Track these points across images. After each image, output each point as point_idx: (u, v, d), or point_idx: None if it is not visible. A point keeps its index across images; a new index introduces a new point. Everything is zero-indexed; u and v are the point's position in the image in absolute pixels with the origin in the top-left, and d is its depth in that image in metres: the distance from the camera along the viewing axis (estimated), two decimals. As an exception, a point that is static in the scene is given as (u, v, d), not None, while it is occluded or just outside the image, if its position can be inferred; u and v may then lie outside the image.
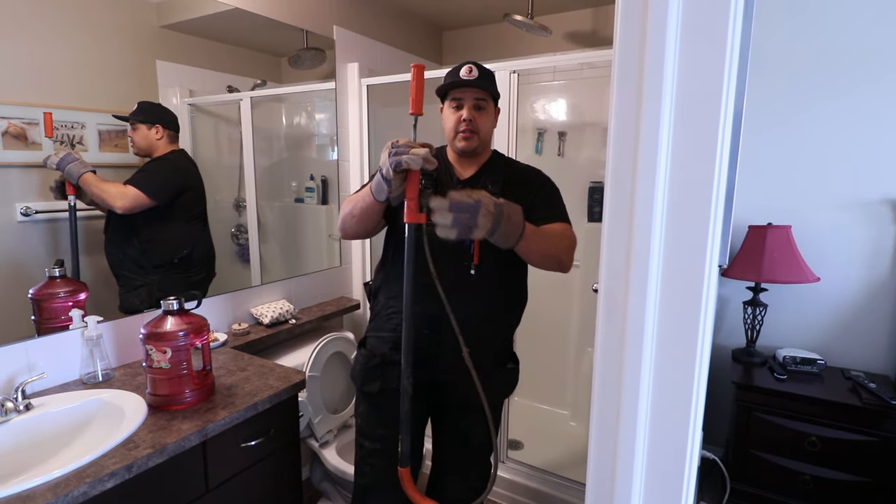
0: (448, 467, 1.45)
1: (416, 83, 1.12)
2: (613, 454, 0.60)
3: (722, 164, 0.52)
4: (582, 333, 2.70)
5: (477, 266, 1.25)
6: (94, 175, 1.47)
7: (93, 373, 1.40)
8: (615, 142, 0.55)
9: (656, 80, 0.51)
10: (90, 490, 0.97)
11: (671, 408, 0.56)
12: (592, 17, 2.64)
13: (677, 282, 0.54)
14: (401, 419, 1.25)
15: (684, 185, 0.52)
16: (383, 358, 1.34)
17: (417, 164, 1.07)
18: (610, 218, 0.57)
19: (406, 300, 1.18)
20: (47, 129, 1.38)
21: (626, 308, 0.56)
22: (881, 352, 1.97)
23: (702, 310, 0.53)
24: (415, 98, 1.12)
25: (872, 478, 1.70)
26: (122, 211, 1.54)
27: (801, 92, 1.99)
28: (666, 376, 0.56)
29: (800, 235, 1.97)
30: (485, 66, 1.34)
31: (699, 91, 0.50)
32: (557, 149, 2.68)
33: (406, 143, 1.10)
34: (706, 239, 0.52)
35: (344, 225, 1.33)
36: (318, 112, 2.36)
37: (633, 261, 0.55)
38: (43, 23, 1.35)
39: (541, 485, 2.07)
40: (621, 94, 0.53)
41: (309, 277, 2.26)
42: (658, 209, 0.53)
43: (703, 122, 0.50)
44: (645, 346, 0.56)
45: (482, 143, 1.33)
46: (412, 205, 1.12)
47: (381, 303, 1.39)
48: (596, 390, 0.61)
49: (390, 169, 1.09)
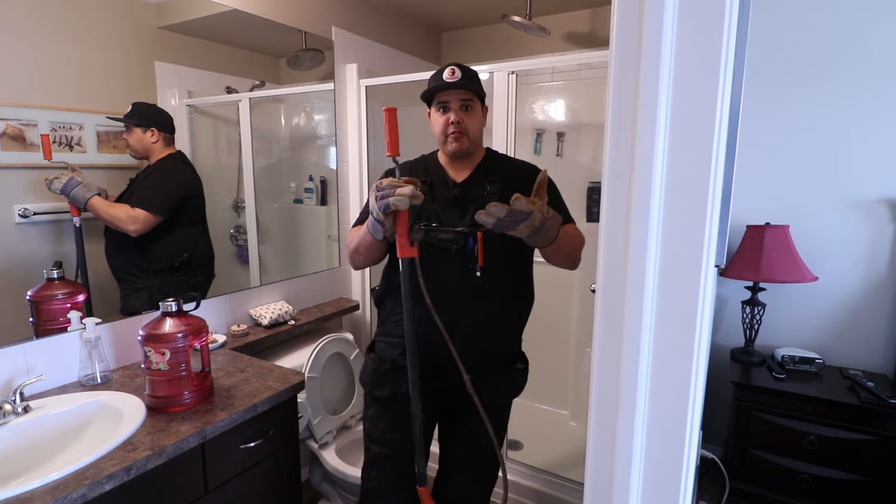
0: (455, 467, 1.45)
1: (390, 126, 1.14)
2: (611, 454, 0.60)
3: (718, 163, 0.52)
4: (581, 334, 2.70)
5: (482, 268, 1.25)
6: (100, 199, 1.49)
7: (91, 375, 1.40)
8: (612, 142, 0.55)
9: (652, 80, 0.51)
10: (89, 492, 0.97)
11: (669, 407, 0.56)
12: (590, 17, 2.65)
13: (674, 282, 0.54)
14: (415, 441, 1.26)
15: (681, 184, 0.52)
16: (393, 363, 1.35)
17: (405, 204, 1.10)
18: (607, 218, 0.57)
19: (408, 336, 1.20)
20: (45, 152, 1.38)
21: (623, 308, 0.56)
22: (879, 351, 1.97)
23: (699, 309, 0.53)
24: (390, 141, 1.15)
25: (871, 477, 1.71)
26: (136, 234, 1.57)
27: (799, 92, 2.00)
28: (663, 376, 0.56)
29: (798, 235, 1.98)
30: (471, 66, 1.34)
31: (695, 91, 0.50)
32: (556, 149, 2.68)
33: (390, 184, 1.12)
34: (702, 238, 0.52)
35: (352, 261, 1.38)
36: (316, 113, 2.36)
37: (630, 261, 0.55)
38: (41, 24, 1.35)
39: (540, 485, 2.07)
40: (617, 95, 0.54)
41: (308, 278, 2.26)
42: (655, 209, 0.53)
43: (699, 122, 0.50)
44: (642, 346, 0.56)
45: (473, 144, 1.33)
46: (403, 240, 1.16)
47: (388, 308, 1.39)
48: (594, 390, 0.61)
49: (380, 212, 1.12)
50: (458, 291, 1.26)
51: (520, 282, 1.38)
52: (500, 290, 1.31)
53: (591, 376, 0.62)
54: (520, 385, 1.42)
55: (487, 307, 1.29)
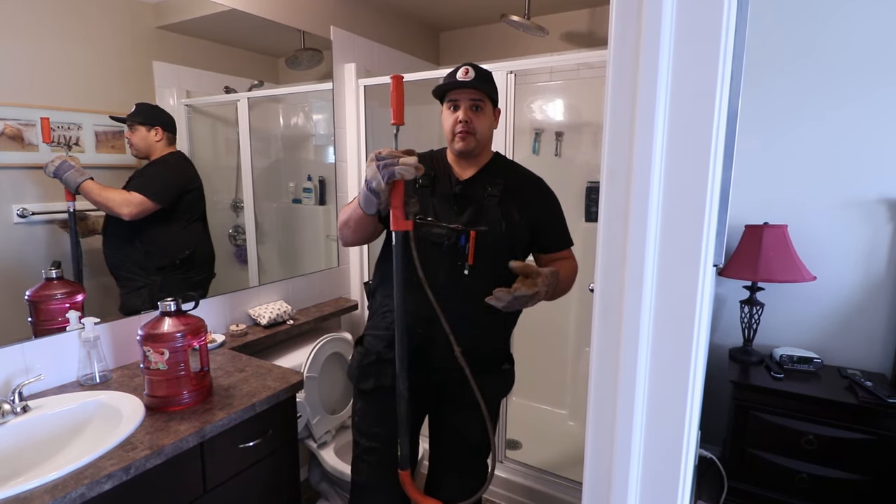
0: (445, 466, 1.45)
1: (396, 93, 1.13)
2: (610, 453, 0.60)
3: (716, 163, 0.52)
4: (580, 333, 2.71)
5: (471, 266, 1.25)
6: (93, 182, 1.47)
7: (90, 374, 1.40)
8: (610, 142, 0.55)
9: (650, 79, 0.51)
10: (88, 492, 0.97)
11: (667, 406, 0.57)
12: (589, 17, 2.65)
13: (672, 281, 0.54)
14: (398, 422, 1.25)
15: (679, 184, 0.52)
16: (378, 356, 1.35)
17: (410, 173, 1.09)
18: (605, 218, 0.57)
19: (397, 306, 1.20)
20: (45, 135, 1.37)
21: (621, 307, 0.56)
22: (877, 350, 1.98)
23: (697, 309, 0.54)
24: (395, 108, 1.14)
25: (869, 476, 1.71)
26: (129, 218, 1.55)
27: (798, 91, 2.00)
28: (662, 375, 0.56)
29: (796, 234, 1.98)
30: (482, 66, 1.34)
31: (693, 90, 0.50)
32: (555, 149, 2.68)
33: (390, 153, 1.11)
34: (701, 238, 0.52)
35: (342, 235, 1.36)
36: (315, 113, 2.36)
37: (629, 260, 0.55)
38: (39, 24, 1.35)
39: (539, 484, 2.07)
40: (615, 95, 0.54)
41: (307, 278, 2.26)
42: (653, 209, 0.53)
43: (698, 122, 0.51)
44: (641, 346, 0.56)
45: (480, 144, 1.33)
46: (398, 213, 1.14)
47: (377, 301, 1.39)
48: (592, 390, 0.61)
49: (381, 181, 1.10)
50: (446, 288, 1.26)
51: (509, 283, 1.38)
52: (489, 290, 1.31)
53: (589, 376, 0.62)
54: (505, 386, 1.43)
55: (474, 306, 1.29)
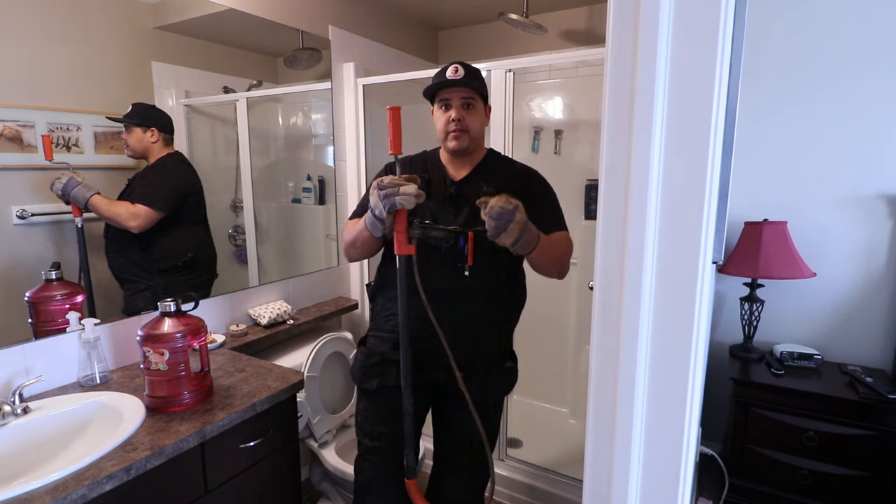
0: (447, 467, 1.46)
1: (393, 125, 1.15)
2: (610, 451, 0.60)
3: (715, 159, 0.52)
4: (580, 331, 2.71)
5: (471, 267, 1.25)
6: (101, 197, 1.49)
7: (90, 375, 1.40)
8: (609, 139, 0.55)
9: (649, 77, 0.51)
10: (89, 493, 0.97)
11: (667, 403, 0.57)
12: (587, 15, 2.64)
13: (672, 278, 0.54)
14: (404, 435, 1.26)
15: (678, 181, 0.52)
16: (383, 356, 1.35)
17: (411, 203, 1.12)
18: (604, 215, 0.57)
19: (402, 328, 1.21)
20: (47, 153, 1.39)
21: (621, 305, 0.56)
22: (878, 346, 1.98)
23: (696, 306, 0.53)
24: (393, 139, 1.16)
25: (870, 472, 1.71)
26: (137, 230, 1.57)
27: (797, 88, 2.00)
28: (662, 372, 0.56)
29: (796, 231, 1.98)
30: (473, 64, 1.34)
31: (691, 87, 0.50)
32: (554, 147, 2.68)
33: (392, 182, 1.12)
34: (700, 235, 0.52)
35: (348, 254, 1.38)
36: (314, 112, 2.36)
37: (628, 258, 0.55)
38: (37, 24, 1.34)
39: (540, 482, 2.07)
40: (614, 92, 0.54)
41: (307, 278, 2.26)
42: (652, 206, 0.53)
43: (696, 118, 0.50)
44: (640, 343, 0.56)
45: (473, 142, 1.33)
46: (401, 237, 1.17)
47: (379, 304, 1.40)
48: (592, 387, 0.61)
49: (383, 211, 1.13)
50: (447, 290, 1.26)
51: (510, 283, 1.39)
52: (489, 290, 1.32)
53: (589, 373, 0.62)
54: (509, 383, 1.43)
55: (475, 307, 1.30)
